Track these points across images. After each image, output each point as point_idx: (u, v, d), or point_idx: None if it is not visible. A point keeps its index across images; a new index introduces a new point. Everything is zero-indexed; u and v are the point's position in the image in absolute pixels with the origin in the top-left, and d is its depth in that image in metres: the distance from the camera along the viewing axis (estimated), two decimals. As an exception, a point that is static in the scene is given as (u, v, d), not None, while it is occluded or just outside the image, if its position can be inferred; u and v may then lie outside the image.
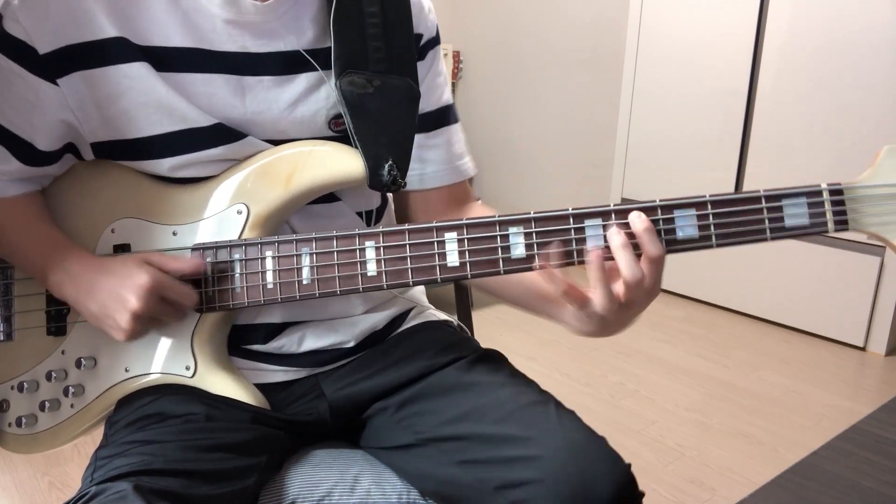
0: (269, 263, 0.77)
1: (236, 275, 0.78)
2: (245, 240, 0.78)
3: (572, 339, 2.66)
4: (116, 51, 0.75)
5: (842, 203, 0.69)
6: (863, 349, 2.58)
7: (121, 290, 0.74)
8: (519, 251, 0.72)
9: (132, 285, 0.73)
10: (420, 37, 0.87)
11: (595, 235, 0.70)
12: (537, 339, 2.65)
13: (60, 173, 0.83)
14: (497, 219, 0.72)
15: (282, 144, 0.80)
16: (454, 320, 1.01)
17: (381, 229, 0.74)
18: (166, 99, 0.76)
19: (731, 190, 2.05)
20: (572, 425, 0.77)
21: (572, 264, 0.72)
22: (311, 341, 0.86)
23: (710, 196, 0.70)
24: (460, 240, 0.73)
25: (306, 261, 0.76)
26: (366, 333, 0.89)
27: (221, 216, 0.80)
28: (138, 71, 0.75)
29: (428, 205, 0.93)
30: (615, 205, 0.70)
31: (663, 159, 3.01)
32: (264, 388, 0.85)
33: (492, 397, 0.80)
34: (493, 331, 2.72)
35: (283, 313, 0.85)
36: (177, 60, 0.76)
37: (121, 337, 0.76)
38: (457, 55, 3.88)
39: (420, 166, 0.90)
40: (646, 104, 3.04)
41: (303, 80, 0.80)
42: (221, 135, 0.78)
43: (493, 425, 0.77)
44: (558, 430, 0.75)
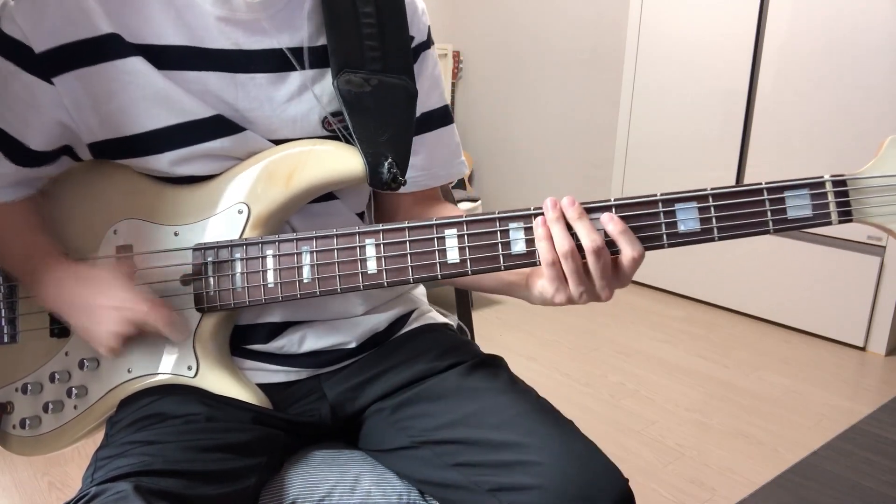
0: (270, 262, 0.77)
1: (237, 274, 0.78)
2: (246, 239, 0.78)
3: (572, 339, 2.65)
4: (111, 47, 0.74)
5: (845, 194, 0.67)
6: (863, 349, 2.58)
7: (99, 310, 0.75)
8: (519, 247, 0.72)
9: (108, 306, 0.75)
10: (412, 39, 0.87)
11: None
12: (537, 339, 2.65)
13: (57, 174, 0.83)
14: (497, 215, 0.72)
15: (278, 143, 0.80)
16: (455, 322, 1.00)
17: (381, 227, 0.74)
18: (164, 91, 0.75)
19: (732, 190, 2.04)
20: (572, 434, 0.77)
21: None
22: (312, 341, 0.86)
23: (712, 189, 0.69)
24: (460, 236, 0.73)
25: (307, 259, 0.76)
26: (367, 335, 0.89)
27: (222, 216, 0.80)
28: (134, 65, 0.75)
29: (397, 205, 0.93)
30: (616, 199, 0.70)
31: (663, 159, 3.01)
32: (266, 388, 0.85)
33: (490, 403, 0.80)
34: (493, 331, 2.72)
35: (284, 313, 0.84)
36: (170, 58, 0.76)
37: (106, 354, 0.78)
38: (457, 55, 3.87)
39: None
40: (646, 104, 3.04)
41: (296, 78, 0.80)
42: (220, 127, 0.78)
43: (490, 430, 0.76)
44: (559, 439, 0.75)
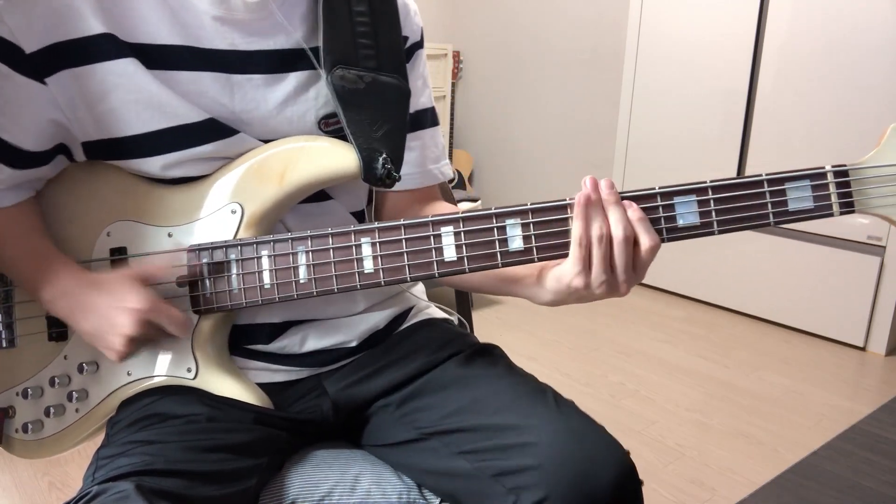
0: (266, 263, 0.76)
1: (233, 275, 0.77)
2: (240, 239, 0.77)
3: (572, 339, 2.65)
4: (104, 48, 0.74)
5: (847, 185, 0.66)
6: (863, 349, 2.58)
7: (113, 312, 0.74)
8: (517, 244, 0.71)
9: (124, 308, 0.73)
10: (406, 39, 0.87)
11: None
12: (537, 339, 2.64)
13: (53, 175, 0.83)
14: (494, 211, 0.71)
15: (273, 142, 0.80)
16: (455, 317, 1.00)
17: (376, 225, 0.74)
18: (156, 95, 0.75)
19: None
20: (571, 413, 0.77)
21: (565, 256, 0.71)
22: (314, 341, 0.86)
23: (711, 181, 0.68)
24: (457, 233, 0.72)
25: (302, 259, 0.75)
26: (367, 333, 0.89)
27: (216, 216, 0.79)
28: (126, 68, 0.74)
29: (396, 204, 0.94)
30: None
31: (663, 159, 3.01)
32: (267, 388, 0.85)
33: (490, 389, 0.80)
34: (493, 331, 2.72)
35: (284, 313, 0.84)
36: (165, 58, 0.75)
37: (114, 358, 0.76)
38: (457, 55, 3.87)
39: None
40: (646, 104, 3.04)
41: (293, 78, 0.80)
42: (213, 131, 0.77)
43: (491, 415, 0.77)
44: (557, 418, 0.75)
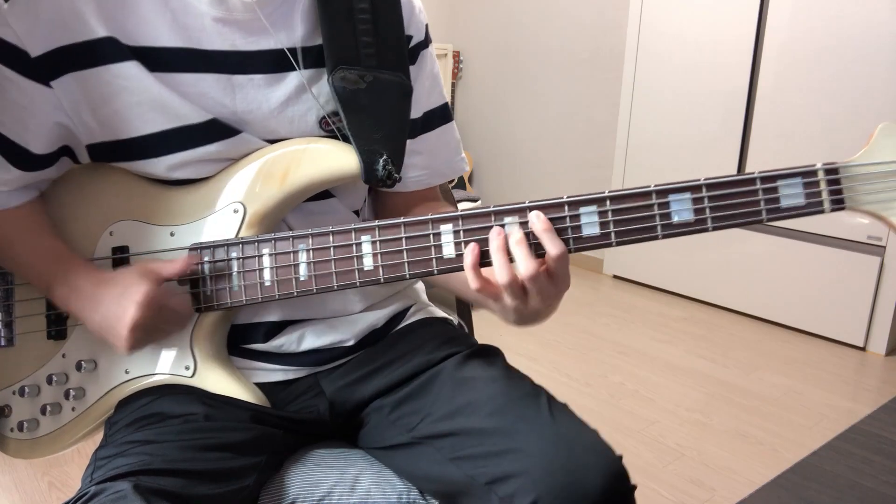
0: (266, 261, 0.77)
1: (234, 273, 0.78)
2: (242, 238, 0.78)
3: (572, 339, 2.65)
4: (107, 51, 0.74)
5: (837, 182, 0.68)
6: (863, 349, 2.58)
7: (121, 301, 0.74)
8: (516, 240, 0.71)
9: (132, 296, 0.74)
10: (410, 38, 0.86)
11: (590, 223, 0.71)
12: (537, 339, 2.64)
13: (58, 176, 0.83)
14: (493, 209, 0.72)
15: (276, 143, 0.80)
16: (454, 318, 1.00)
17: (376, 223, 0.74)
18: (159, 97, 0.75)
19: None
20: (562, 418, 0.76)
21: (572, 251, 0.71)
22: (311, 340, 0.86)
23: (706, 179, 0.70)
24: (456, 231, 0.72)
25: (303, 257, 0.76)
26: (365, 332, 0.89)
27: (218, 216, 0.80)
28: (129, 70, 0.75)
29: (397, 204, 0.93)
30: (610, 191, 0.70)
31: (663, 159, 3.01)
32: (264, 387, 0.85)
33: (485, 392, 0.79)
34: (493, 331, 2.71)
35: (282, 311, 0.84)
36: (166, 60, 0.76)
37: (123, 347, 0.76)
38: (457, 55, 3.87)
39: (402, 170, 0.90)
40: (646, 104, 3.04)
41: (293, 78, 0.80)
42: (216, 131, 0.77)
43: (484, 419, 0.76)
44: (547, 423, 0.74)
